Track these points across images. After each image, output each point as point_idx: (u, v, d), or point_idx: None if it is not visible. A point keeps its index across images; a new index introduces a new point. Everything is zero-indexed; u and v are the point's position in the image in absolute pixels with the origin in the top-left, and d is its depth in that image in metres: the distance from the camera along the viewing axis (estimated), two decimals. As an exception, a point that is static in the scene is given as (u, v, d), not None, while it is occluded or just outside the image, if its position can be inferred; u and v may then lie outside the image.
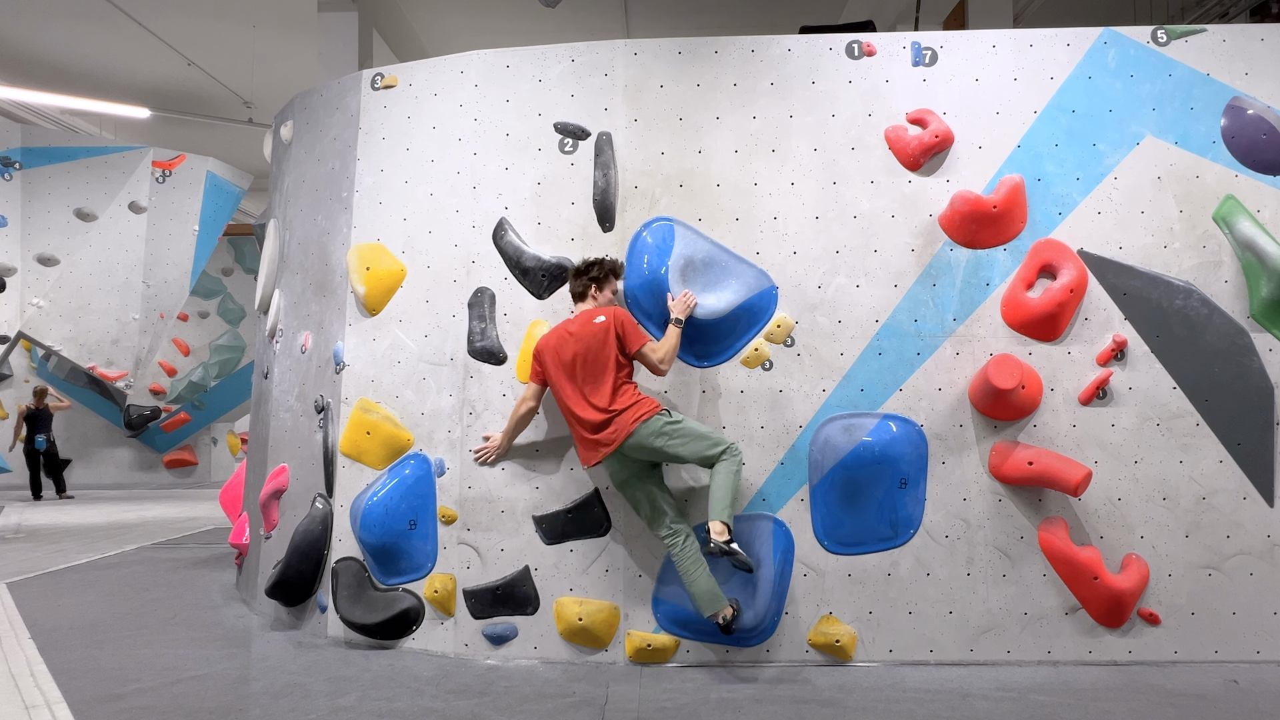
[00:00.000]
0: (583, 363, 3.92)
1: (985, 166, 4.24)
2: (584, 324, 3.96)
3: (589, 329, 3.94)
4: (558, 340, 3.99)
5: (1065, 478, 3.91)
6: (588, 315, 4.00)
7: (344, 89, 4.96)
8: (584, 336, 3.93)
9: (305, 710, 3.46)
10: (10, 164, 11.33)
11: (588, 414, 3.89)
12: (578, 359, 3.92)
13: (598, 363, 3.91)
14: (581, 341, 3.93)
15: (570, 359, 3.93)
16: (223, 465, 13.90)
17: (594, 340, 3.91)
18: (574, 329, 3.98)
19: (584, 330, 3.94)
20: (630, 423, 3.82)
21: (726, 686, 3.76)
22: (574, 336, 3.95)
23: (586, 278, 4.09)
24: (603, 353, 3.90)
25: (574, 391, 3.93)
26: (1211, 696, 3.60)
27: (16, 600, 5.38)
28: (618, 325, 3.93)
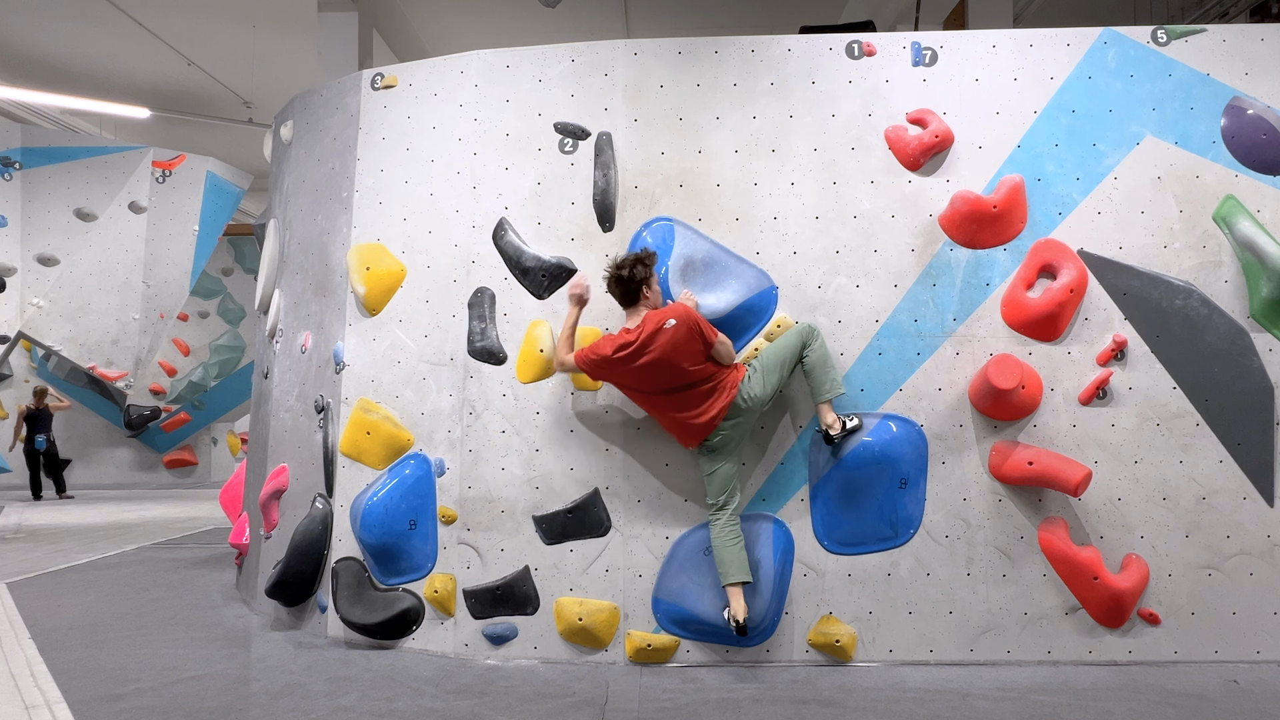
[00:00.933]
0: (664, 377, 3.81)
1: (985, 166, 4.24)
2: (654, 332, 3.77)
3: (663, 337, 3.75)
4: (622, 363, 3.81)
5: (1065, 478, 3.91)
6: (655, 321, 3.80)
7: (344, 89, 4.96)
8: (661, 347, 3.75)
9: (305, 710, 3.46)
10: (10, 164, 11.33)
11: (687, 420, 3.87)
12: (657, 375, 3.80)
13: (678, 370, 3.79)
14: (658, 354, 3.76)
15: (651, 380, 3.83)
16: (223, 465, 13.90)
17: (670, 348, 3.75)
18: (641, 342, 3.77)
19: (660, 340, 3.75)
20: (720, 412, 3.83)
21: (726, 686, 3.76)
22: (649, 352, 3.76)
23: (634, 280, 3.89)
24: (684, 354, 3.78)
25: (664, 404, 3.89)
26: (1211, 696, 3.60)
27: (16, 600, 5.39)
28: (692, 324, 3.78)
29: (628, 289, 3.93)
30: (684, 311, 3.82)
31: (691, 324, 3.79)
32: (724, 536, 3.88)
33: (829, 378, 3.93)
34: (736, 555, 3.85)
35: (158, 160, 11.91)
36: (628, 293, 3.94)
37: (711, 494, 3.96)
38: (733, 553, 3.85)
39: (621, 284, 3.93)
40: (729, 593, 3.84)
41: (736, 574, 3.82)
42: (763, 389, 3.89)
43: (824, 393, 3.91)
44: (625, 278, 3.90)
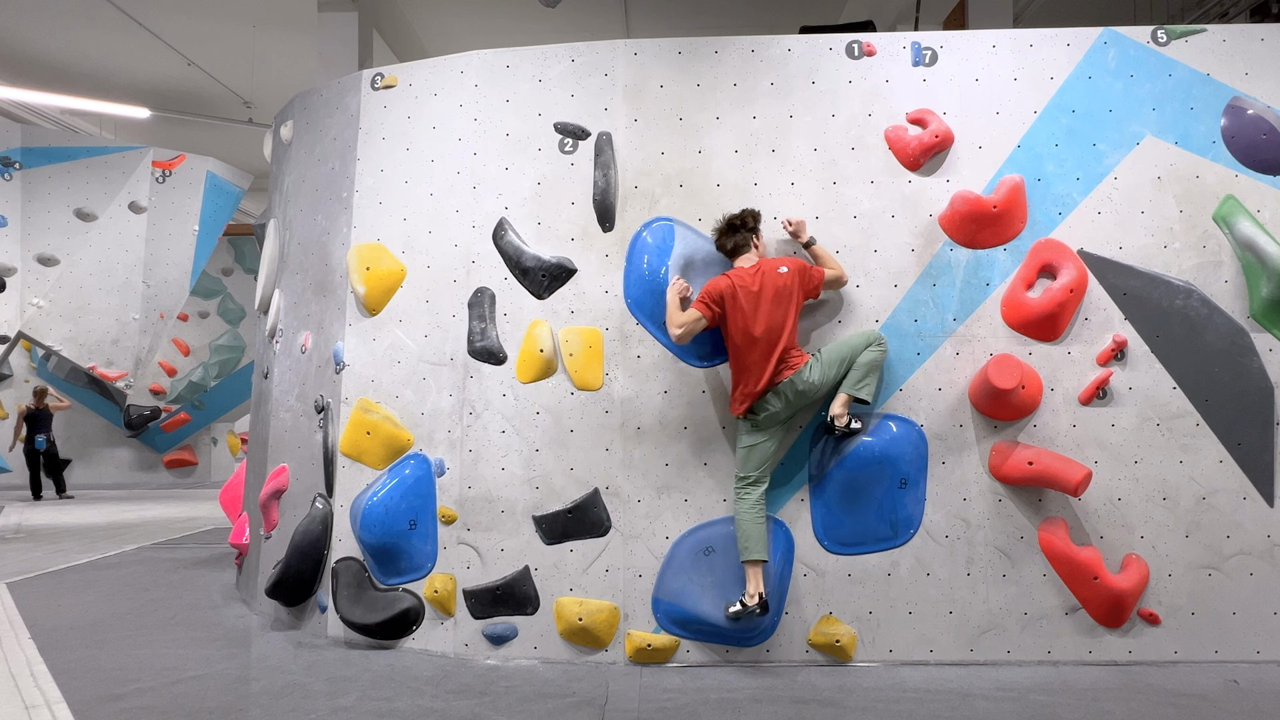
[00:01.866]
0: (769, 321, 3.90)
1: (985, 166, 4.24)
2: (772, 271, 3.94)
3: (778, 278, 3.93)
4: (744, 288, 3.92)
5: (1065, 478, 3.91)
6: (768, 265, 3.98)
7: (344, 89, 4.96)
8: (776, 286, 3.91)
9: (305, 710, 3.46)
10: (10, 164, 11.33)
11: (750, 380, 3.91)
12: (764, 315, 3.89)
13: (782, 316, 3.91)
14: (769, 294, 3.91)
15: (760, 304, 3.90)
16: (223, 465, 13.90)
17: (782, 292, 3.91)
18: (760, 278, 3.92)
19: (775, 279, 3.92)
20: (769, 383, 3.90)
21: (726, 686, 3.76)
22: (760, 290, 3.90)
23: (744, 230, 4.05)
24: (788, 307, 3.92)
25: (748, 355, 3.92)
26: (1211, 696, 3.60)
27: (16, 600, 5.39)
28: (803, 275, 3.97)
29: (736, 237, 4.07)
30: (798, 264, 4.01)
31: (801, 268, 3.99)
32: (752, 513, 3.90)
33: (869, 381, 3.95)
34: (761, 533, 3.88)
35: (158, 160, 11.90)
36: (737, 242, 4.07)
37: (745, 468, 3.97)
38: (759, 530, 3.88)
39: (732, 231, 4.07)
40: (748, 570, 3.87)
41: (759, 551, 3.86)
42: (820, 379, 3.93)
43: (854, 387, 3.92)
44: (737, 225, 4.06)
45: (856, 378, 3.93)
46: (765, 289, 3.92)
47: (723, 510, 4.13)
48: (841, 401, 3.92)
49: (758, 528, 3.88)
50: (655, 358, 4.23)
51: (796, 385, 3.91)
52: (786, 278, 3.94)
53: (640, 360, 4.23)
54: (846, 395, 3.92)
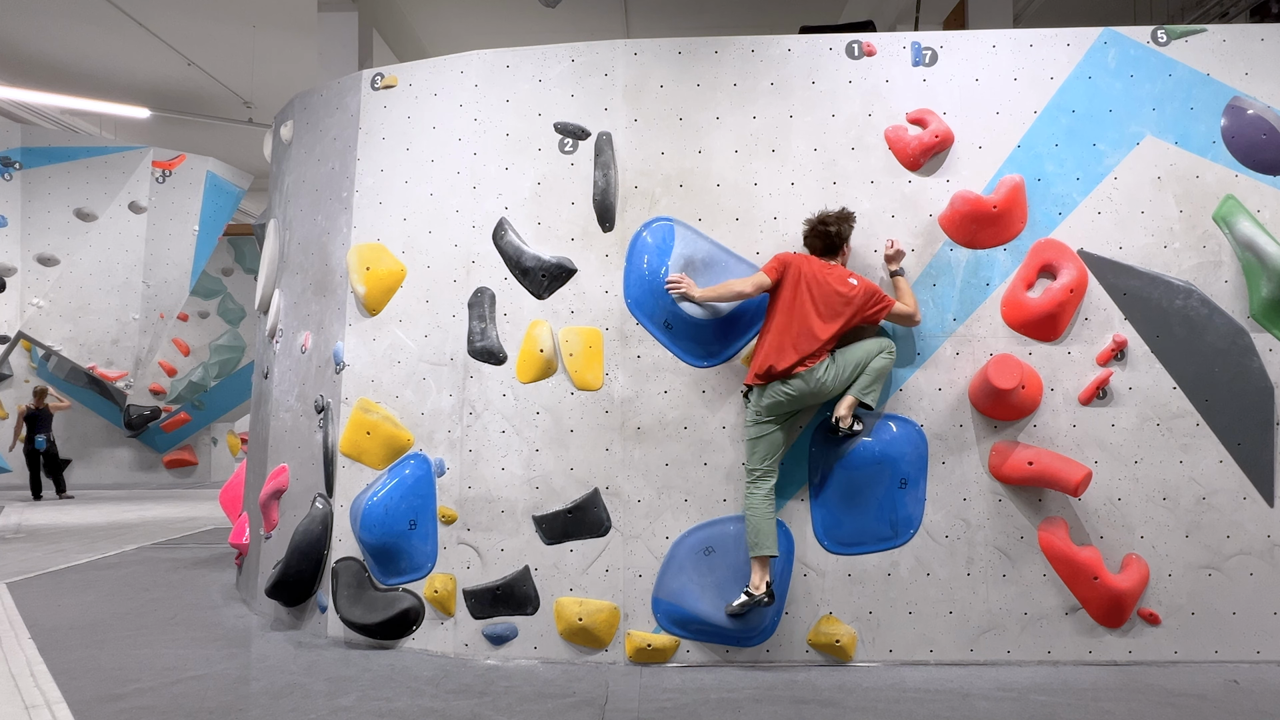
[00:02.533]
0: (827, 309, 3.94)
1: (985, 166, 4.24)
2: (841, 279, 3.98)
3: (844, 287, 3.96)
4: (811, 277, 3.97)
5: (1065, 478, 3.91)
6: (842, 273, 4.01)
7: (344, 89, 4.96)
8: (837, 291, 3.95)
9: (305, 710, 3.46)
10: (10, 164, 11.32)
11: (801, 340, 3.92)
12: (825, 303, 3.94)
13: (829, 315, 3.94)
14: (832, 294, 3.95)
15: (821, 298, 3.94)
16: (223, 465, 13.89)
17: (843, 299, 3.94)
18: (827, 278, 3.97)
19: (839, 285, 3.96)
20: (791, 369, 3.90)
21: (726, 686, 3.76)
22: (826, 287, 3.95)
23: (836, 235, 4.06)
24: (845, 314, 3.95)
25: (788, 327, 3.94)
26: (1211, 696, 3.60)
27: (16, 600, 5.39)
28: (869, 298, 3.98)
29: (829, 243, 4.07)
30: (866, 284, 4.01)
31: (870, 290, 3.99)
32: (763, 507, 3.92)
33: (877, 387, 3.97)
34: (771, 528, 3.89)
35: (158, 160, 11.90)
36: (829, 246, 4.08)
37: (753, 460, 3.97)
38: (770, 525, 3.90)
39: (826, 239, 4.07)
40: (755, 564, 3.88)
41: (770, 546, 3.87)
42: (833, 381, 3.93)
43: (862, 391, 3.93)
44: (832, 234, 4.05)
45: (866, 383, 3.94)
46: (829, 287, 3.95)
47: (723, 510, 4.13)
48: (848, 404, 3.92)
49: (769, 522, 3.89)
50: (655, 358, 4.23)
51: (808, 382, 3.91)
52: (852, 290, 3.95)
53: (640, 360, 4.23)
54: (854, 398, 3.92)
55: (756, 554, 3.88)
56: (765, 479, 3.96)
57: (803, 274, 3.98)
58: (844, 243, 4.09)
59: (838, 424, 3.90)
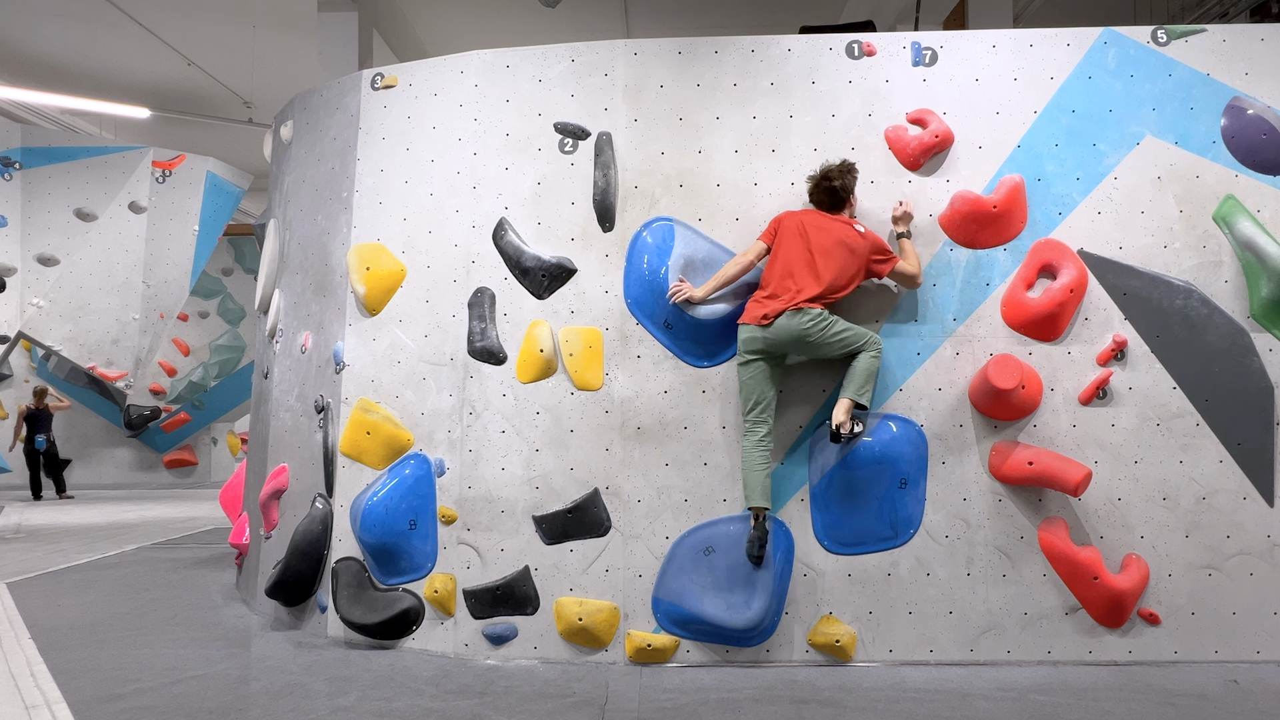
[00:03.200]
0: (825, 255, 3.94)
1: (985, 166, 4.24)
2: (846, 226, 4.00)
3: (850, 234, 3.98)
4: (813, 223, 3.99)
5: (1065, 478, 3.91)
6: (848, 223, 4.03)
7: (344, 89, 4.97)
8: (840, 236, 3.96)
9: (305, 710, 3.46)
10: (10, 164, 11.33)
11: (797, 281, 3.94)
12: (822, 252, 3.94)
13: (836, 262, 3.94)
14: (835, 239, 3.96)
15: (817, 247, 3.95)
16: (223, 465, 13.89)
17: (847, 248, 3.95)
18: (831, 226, 3.99)
19: (844, 233, 3.97)
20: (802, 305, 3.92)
21: (726, 686, 3.76)
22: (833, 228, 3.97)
23: (841, 189, 4.06)
24: (846, 258, 3.96)
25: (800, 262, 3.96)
26: (1211, 696, 3.60)
27: (16, 600, 5.39)
28: (875, 249, 4.01)
29: (836, 198, 4.08)
30: (877, 239, 4.04)
31: (876, 243, 4.01)
32: (752, 456, 3.95)
33: (870, 387, 3.96)
34: (759, 480, 3.92)
35: (158, 160, 11.91)
36: (835, 201, 4.09)
37: (744, 405, 4.01)
38: (755, 477, 3.93)
39: (831, 194, 4.07)
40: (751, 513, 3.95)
41: (756, 498, 3.92)
42: (818, 336, 3.91)
43: (857, 393, 3.92)
44: (837, 189, 4.06)
45: (859, 383, 3.92)
46: (833, 234, 3.97)
47: (723, 510, 4.13)
48: (845, 408, 3.90)
49: (756, 474, 3.93)
50: (655, 358, 4.23)
51: (794, 324, 3.90)
52: (858, 238, 3.98)
53: (640, 360, 4.23)
54: (849, 401, 3.90)
55: (747, 505, 3.94)
56: (755, 427, 3.98)
57: (803, 225, 4.01)
58: (849, 194, 4.10)
59: (838, 430, 3.88)
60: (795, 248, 3.98)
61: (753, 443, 3.97)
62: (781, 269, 3.98)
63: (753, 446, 3.97)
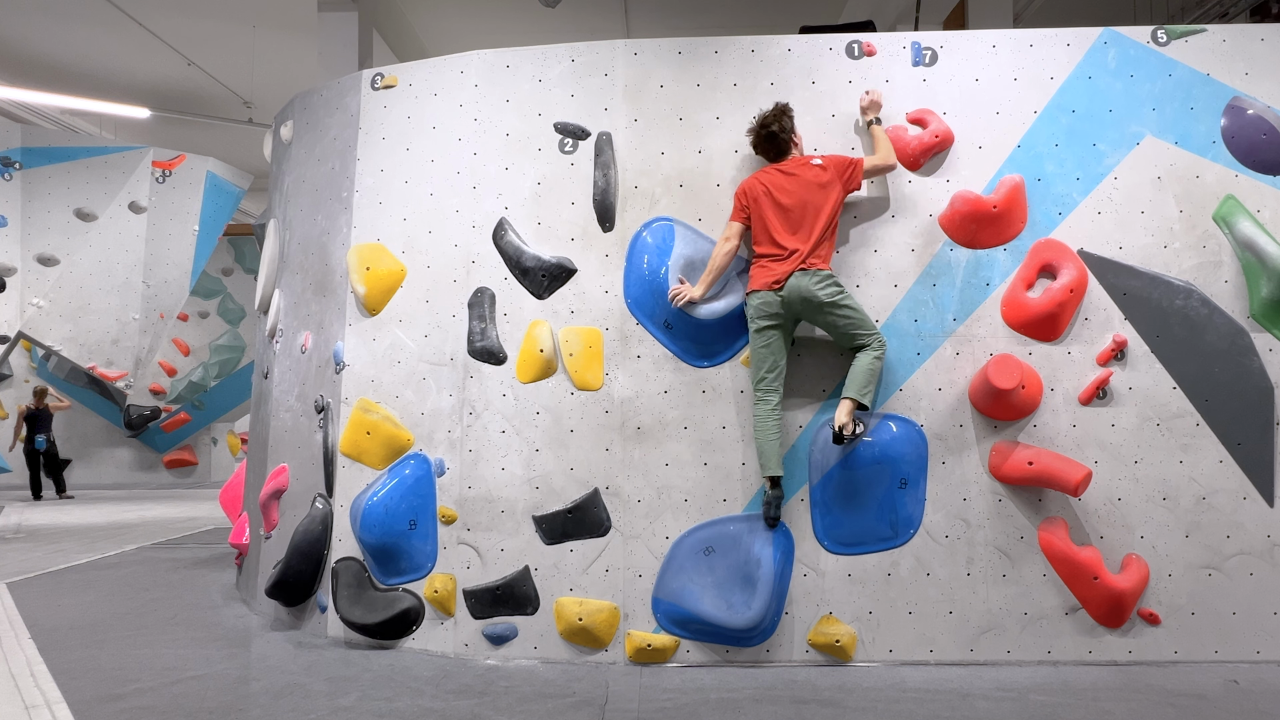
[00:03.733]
0: (800, 208, 3.97)
1: (985, 166, 4.24)
2: (803, 167, 4.02)
3: (811, 172, 3.99)
4: (774, 184, 4.01)
5: (1065, 478, 3.91)
6: (804, 162, 4.04)
7: (344, 89, 4.97)
8: (805, 181, 3.99)
9: (305, 710, 3.46)
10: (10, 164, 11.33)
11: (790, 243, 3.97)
12: (796, 205, 3.97)
13: (814, 208, 3.97)
14: (801, 186, 3.98)
15: (789, 204, 3.98)
16: (223, 465, 13.90)
17: (815, 187, 3.98)
18: (792, 175, 4.01)
19: (805, 176, 3.99)
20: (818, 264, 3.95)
21: (726, 686, 3.76)
22: (793, 180, 3.99)
23: (781, 131, 4.06)
24: (822, 197, 3.97)
25: (783, 227, 3.99)
26: (1211, 696, 3.60)
27: (16, 600, 5.39)
28: (843, 170, 4.02)
29: (778, 142, 4.09)
30: (837, 159, 4.05)
31: (838, 163, 4.03)
32: (767, 428, 3.96)
33: (872, 387, 3.96)
34: (773, 449, 3.95)
35: (158, 160, 11.91)
36: (780, 146, 4.10)
37: (754, 372, 4.02)
38: (771, 446, 3.95)
39: (773, 140, 4.09)
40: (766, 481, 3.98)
41: (771, 467, 3.95)
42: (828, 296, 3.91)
43: (860, 393, 3.91)
44: (776, 132, 4.07)
45: (861, 383, 3.91)
46: (802, 182, 3.99)
47: (723, 510, 4.13)
48: (847, 410, 3.89)
49: (771, 443, 3.94)
50: (655, 358, 4.23)
51: (805, 283, 3.92)
52: (823, 173, 4.00)
53: (640, 360, 4.23)
54: (851, 402, 3.90)
55: (765, 474, 3.96)
56: (768, 395, 3.99)
57: (766, 188, 4.02)
58: (790, 134, 4.11)
59: (841, 432, 3.88)
60: (770, 211, 4.00)
61: (766, 411, 3.98)
62: (768, 235, 4.01)
63: (767, 415, 3.98)
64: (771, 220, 4.00)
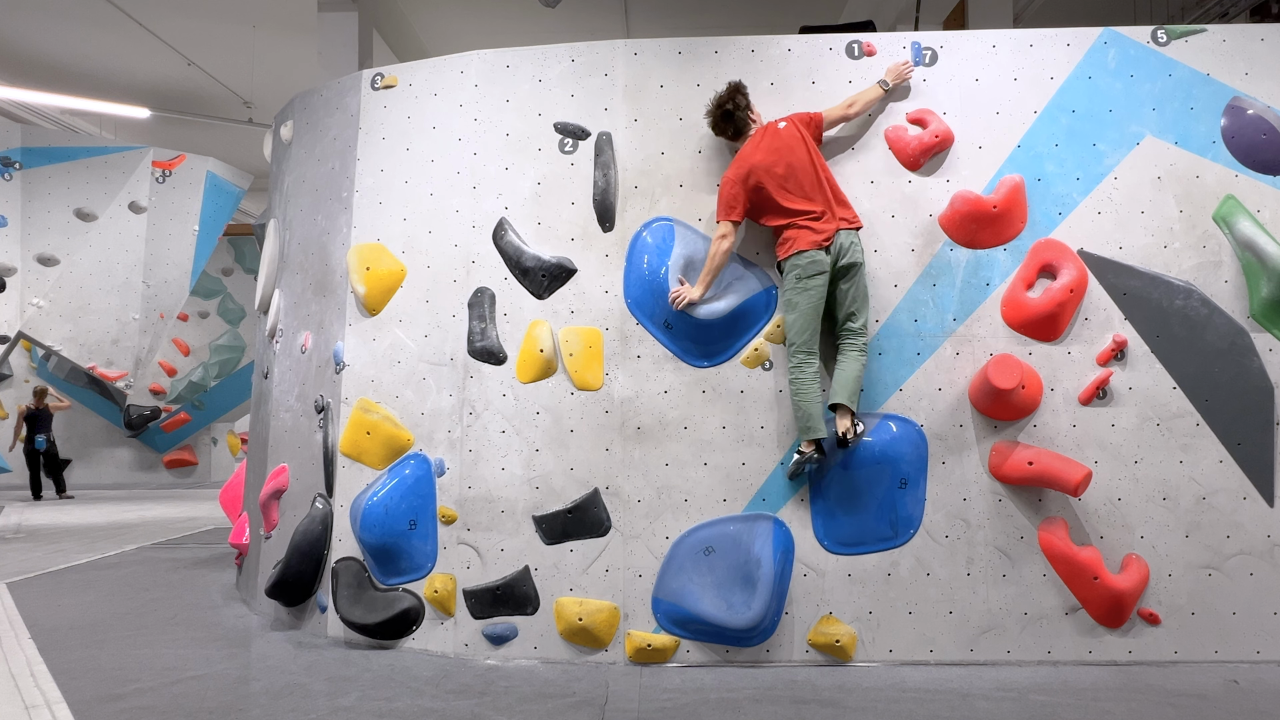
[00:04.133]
0: (793, 172, 4.00)
1: (985, 166, 4.24)
2: (772, 136, 4.04)
3: (780, 138, 4.03)
4: (759, 163, 4.00)
5: (1065, 478, 3.91)
6: (768, 129, 4.09)
7: (344, 89, 4.97)
8: (781, 147, 4.02)
9: (305, 710, 3.46)
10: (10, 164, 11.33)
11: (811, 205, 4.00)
12: (789, 171, 4.00)
13: (802, 165, 4.01)
14: (784, 151, 4.01)
15: (784, 173, 4.00)
16: (223, 465, 13.90)
17: (794, 144, 4.02)
18: (768, 145, 4.02)
19: (777, 142, 4.03)
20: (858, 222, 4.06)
21: (726, 686, 3.76)
22: (775, 151, 4.01)
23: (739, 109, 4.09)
24: (805, 154, 4.02)
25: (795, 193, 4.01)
26: (1211, 696, 3.60)
27: (16, 600, 5.39)
28: (802, 121, 4.09)
29: (734, 120, 4.12)
30: (799, 115, 4.13)
31: (799, 119, 4.09)
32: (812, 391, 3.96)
33: (859, 390, 4.00)
34: (814, 409, 3.95)
35: (158, 160, 11.90)
36: (739, 124, 4.13)
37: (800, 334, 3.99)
38: (819, 408, 3.96)
39: (729, 118, 4.12)
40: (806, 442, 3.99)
41: (821, 429, 3.95)
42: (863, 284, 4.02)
43: (852, 399, 3.94)
44: (730, 110, 4.10)
45: (854, 389, 3.95)
46: (781, 149, 4.01)
47: (723, 510, 4.14)
48: (848, 418, 3.92)
49: (816, 405, 3.95)
50: (655, 358, 4.23)
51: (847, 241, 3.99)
52: (793, 132, 4.05)
53: (640, 360, 4.23)
54: (850, 408, 3.92)
55: (807, 438, 3.96)
56: (810, 358, 3.99)
57: (753, 170, 4.01)
58: (748, 110, 4.14)
59: (845, 437, 3.90)
60: (773, 186, 4.00)
61: (810, 374, 3.98)
62: (782, 208, 4.01)
63: (810, 379, 3.98)
64: (778, 194, 4.01)
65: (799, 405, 3.98)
